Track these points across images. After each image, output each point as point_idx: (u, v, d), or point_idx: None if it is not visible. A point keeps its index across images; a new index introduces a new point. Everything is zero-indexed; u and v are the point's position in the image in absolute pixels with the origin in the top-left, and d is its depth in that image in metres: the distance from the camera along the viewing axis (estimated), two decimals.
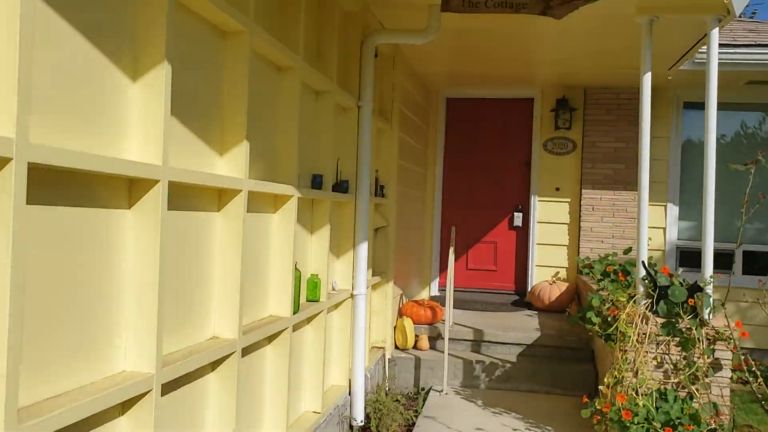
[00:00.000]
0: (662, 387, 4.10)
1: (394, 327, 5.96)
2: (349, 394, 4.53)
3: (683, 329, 4.08)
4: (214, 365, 2.71)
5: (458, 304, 7.17)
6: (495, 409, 5.06)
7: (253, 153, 3.02)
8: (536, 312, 7.07)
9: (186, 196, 2.48)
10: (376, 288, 5.66)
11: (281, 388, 3.28)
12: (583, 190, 7.40)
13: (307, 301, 3.87)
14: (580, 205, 7.42)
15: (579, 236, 7.45)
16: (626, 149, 7.29)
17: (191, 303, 2.55)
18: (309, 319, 3.91)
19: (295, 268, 3.44)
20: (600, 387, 4.19)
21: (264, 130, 3.20)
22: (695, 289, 4.18)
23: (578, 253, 7.44)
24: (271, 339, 3.31)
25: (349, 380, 4.53)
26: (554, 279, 7.46)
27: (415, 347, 5.97)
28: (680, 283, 4.26)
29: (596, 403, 4.14)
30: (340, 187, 4.34)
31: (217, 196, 2.73)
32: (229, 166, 2.73)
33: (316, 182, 3.89)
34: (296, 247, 3.71)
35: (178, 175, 2.24)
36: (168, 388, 2.34)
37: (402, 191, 6.21)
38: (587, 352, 5.78)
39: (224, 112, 2.74)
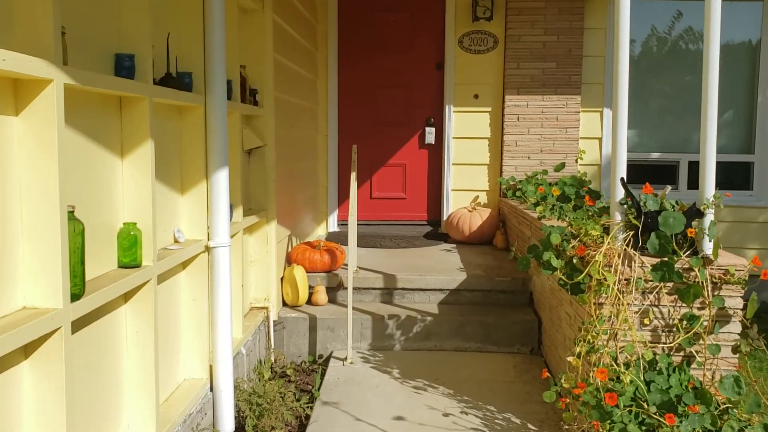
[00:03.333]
0: (651, 352, 2.95)
1: (282, 279, 4.55)
2: (211, 389, 3.11)
3: (680, 271, 2.91)
4: None
5: (362, 242, 5.82)
6: (416, 381, 3.81)
7: None
8: (455, 245, 5.85)
9: None
10: (253, 231, 4.19)
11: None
12: (506, 97, 6.11)
13: (120, 267, 2.36)
14: (503, 115, 6.16)
15: (502, 153, 6.22)
16: (557, 44, 6.03)
17: None
18: (124, 298, 2.41)
19: (72, 217, 1.90)
20: (568, 358, 2.99)
21: None
22: (694, 214, 3.00)
23: (501, 173, 6.23)
24: (28, 352, 1.81)
25: (211, 368, 3.11)
26: (474, 205, 6.23)
27: (309, 302, 4.60)
28: (672, 206, 3.07)
29: (562, 381, 2.95)
30: (176, 81, 2.77)
31: None
32: None
33: (123, 66, 2.31)
34: (82, 177, 2.16)
35: None
36: None
37: (284, 100, 4.67)
38: (524, 295, 4.62)
39: None
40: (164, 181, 2.83)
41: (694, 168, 6.30)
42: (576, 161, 6.12)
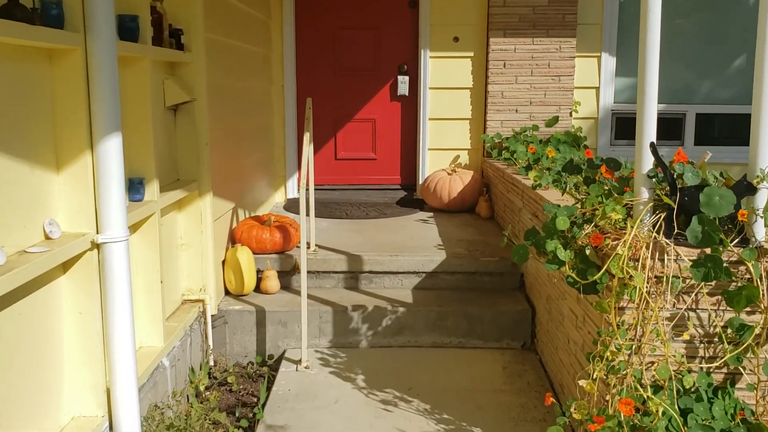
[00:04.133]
0: (685, 370, 2.25)
1: (223, 263, 3.77)
2: (111, 428, 2.36)
3: (728, 265, 2.18)
4: None
5: (325, 211, 5.04)
6: (385, 392, 3.10)
7: None
8: (432, 214, 5.10)
9: None
10: (183, 207, 3.39)
11: None
12: (491, 40, 5.27)
13: None
14: (488, 61, 5.33)
15: (486, 106, 5.42)
16: None
17: None
18: None
19: None
20: (580, 382, 2.28)
21: None
22: (744, 190, 2.26)
23: (485, 129, 5.44)
24: None
25: (109, 405, 2.35)
26: (454, 167, 5.46)
27: (258, 290, 3.84)
28: (715, 179, 2.33)
29: (572, 410, 2.24)
30: (27, 12, 1.93)
31: None
32: None
33: None
34: None
35: None
36: None
37: (222, 44, 3.81)
38: (514, 277, 3.90)
39: None
40: (21, 155, 2.01)
41: (703, 121, 5.56)
42: (570, 114, 5.34)
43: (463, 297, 3.76)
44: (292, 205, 5.40)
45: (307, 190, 3.95)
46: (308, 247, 3.97)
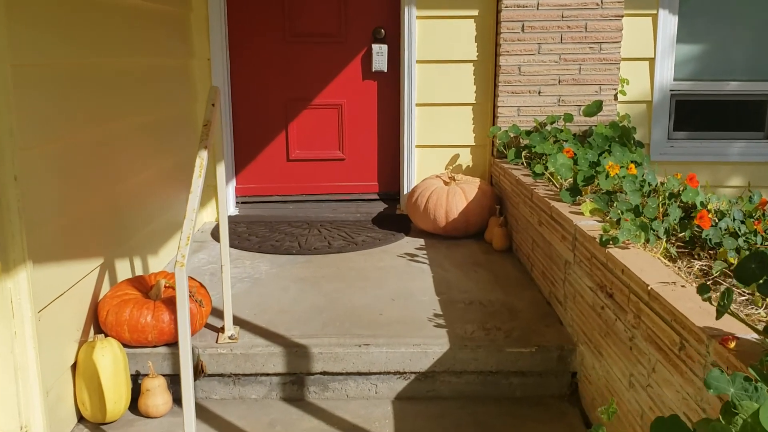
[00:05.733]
0: None
1: (74, 368, 2.22)
2: None
3: None
4: None
5: (269, 240, 3.49)
6: None
7: None
8: (423, 242, 3.57)
9: None
10: None
11: None
12: None
13: None
14: (499, 23, 3.76)
15: (496, 86, 3.87)
16: None
17: None
18: None
19: None
20: None
21: None
22: None
23: (495, 119, 3.89)
24: None
25: None
26: (452, 173, 3.90)
27: (135, 411, 2.30)
28: None
29: None
30: None
31: None
32: None
33: None
34: None
35: None
36: None
37: None
38: (560, 378, 2.38)
39: None
40: None
41: None
42: (615, 97, 3.80)
43: (478, 418, 2.25)
44: (229, 227, 3.83)
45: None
46: (222, 331, 2.43)
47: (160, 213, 3.20)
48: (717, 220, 2.11)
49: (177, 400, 2.27)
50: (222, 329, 2.42)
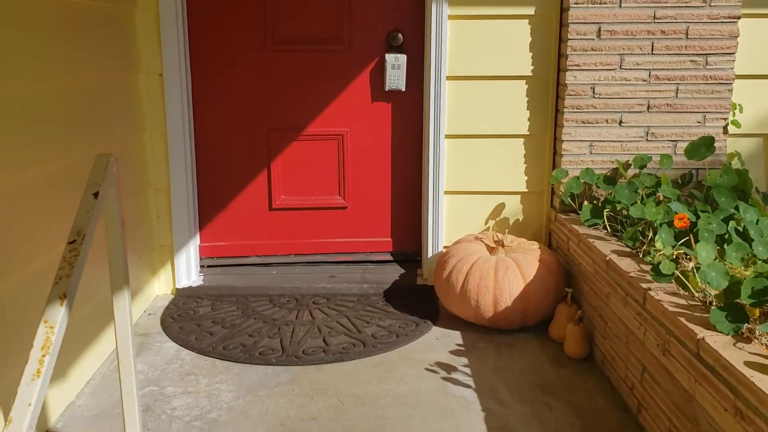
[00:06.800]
0: None
1: None
2: None
3: None
4: None
5: (236, 334, 2.39)
6: None
7: None
8: (461, 342, 2.51)
9: None
10: None
11: None
12: None
13: None
14: (562, 26, 2.68)
15: (559, 112, 2.79)
16: None
17: None
18: None
19: None
20: None
21: None
22: None
23: (555, 158, 2.83)
24: None
25: None
26: (499, 236, 2.81)
27: None
28: None
29: None
30: None
31: None
32: None
33: None
34: None
35: None
36: None
37: None
38: None
39: None
40: None
41: None
42: (724, 130, 2.72)
43: None
44: (180, 310, 2.75)
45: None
46: None
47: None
48: None
49: None
50: None
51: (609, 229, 2.49)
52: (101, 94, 2.40)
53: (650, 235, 2.26)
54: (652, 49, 2.66)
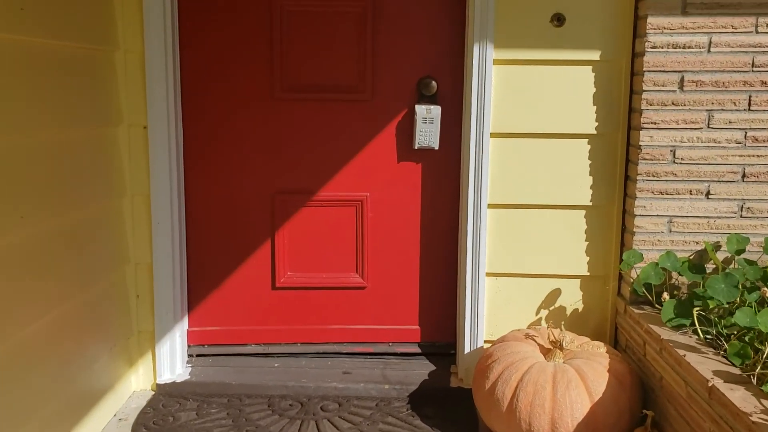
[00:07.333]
0: None
1: None
2: None
3: None
4: None
5: None
6: None
7: None
8: None
9: None
10: None
11: None
12: (649, 21, 2.11)
13: None
14: (636, 73, 2.17)
15: (630, 179, 2.26)
16: None
17: None
18: None
19: None
20: None
21: None
22: None
23: (625, 235, 2.28)
24: None
25: None
26: (555, 334, 2.25)
27: None
28: None
29: None
30: None
31: None
32: None
33: None
34: None
35: None
36: None
37: None
38: None
39: None
40: None
41: None
42: None
43: None
44: (158, 416, 2.22)
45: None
46: None
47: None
48: None
49: None
50: None
51: (701, 335, 1.92)
52: (68, 152, 1.92)
53: (766, 351, 1.70)
54: (749, 104, 2.14)
